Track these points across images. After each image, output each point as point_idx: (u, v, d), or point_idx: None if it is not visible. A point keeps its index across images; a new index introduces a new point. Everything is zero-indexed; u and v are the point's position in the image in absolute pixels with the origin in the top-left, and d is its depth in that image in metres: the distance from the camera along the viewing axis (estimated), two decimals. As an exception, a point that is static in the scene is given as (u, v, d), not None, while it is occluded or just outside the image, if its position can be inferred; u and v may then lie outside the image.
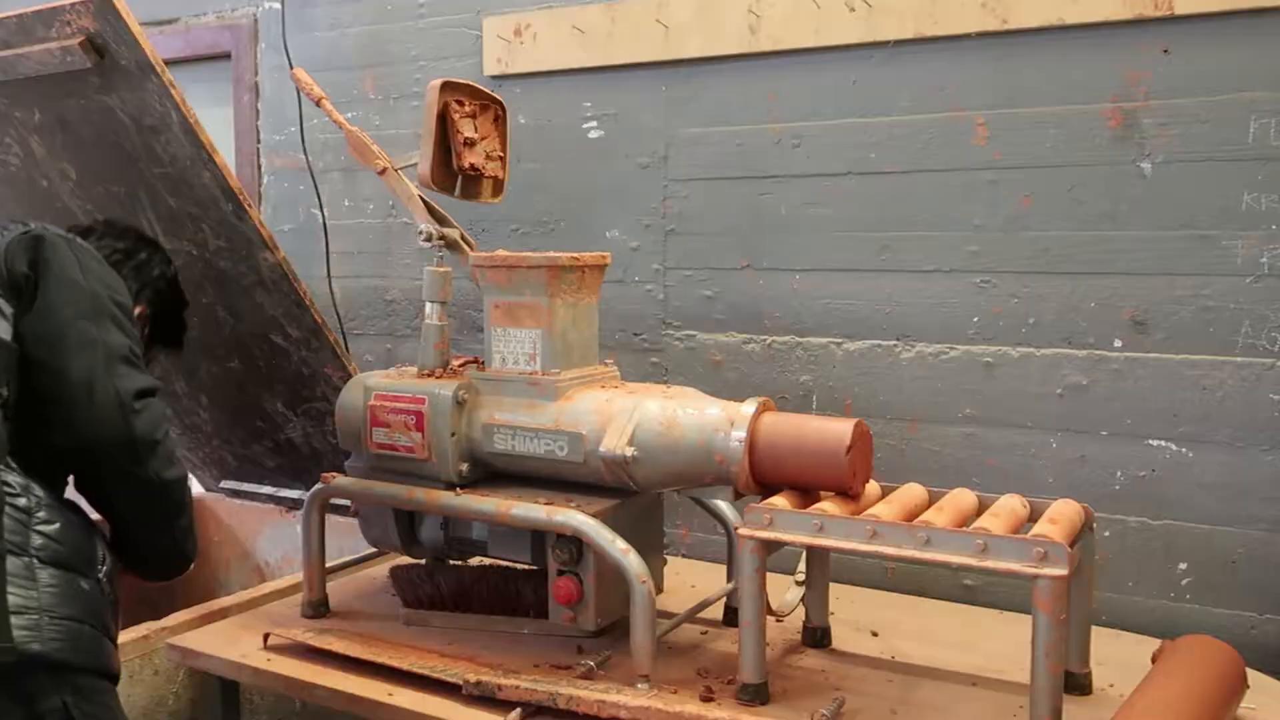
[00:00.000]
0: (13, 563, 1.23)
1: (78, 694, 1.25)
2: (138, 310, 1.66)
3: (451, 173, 1.78)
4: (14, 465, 1.32)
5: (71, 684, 1.25)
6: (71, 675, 1.25)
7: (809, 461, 1.45)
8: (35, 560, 1.25)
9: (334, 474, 1.77)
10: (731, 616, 1.72)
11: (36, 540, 1.27)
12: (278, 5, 2.67)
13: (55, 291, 1.40)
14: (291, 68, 2.21)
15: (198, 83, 2.87)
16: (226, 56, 2.83)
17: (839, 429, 1.45)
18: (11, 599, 1.20)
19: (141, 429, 1.39)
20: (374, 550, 1.96)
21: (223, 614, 1.79)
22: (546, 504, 1.55)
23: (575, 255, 1.67)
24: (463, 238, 1.82)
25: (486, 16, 2.35)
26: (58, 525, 1.30)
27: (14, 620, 1.19)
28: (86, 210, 2.20)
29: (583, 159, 2.28)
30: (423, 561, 1.81)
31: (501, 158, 1.85)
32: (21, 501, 1.27)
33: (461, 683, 1.47)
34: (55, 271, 1.41)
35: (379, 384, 1.70)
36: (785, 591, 1.73)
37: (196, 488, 2.71)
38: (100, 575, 1.34)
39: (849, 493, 1.46)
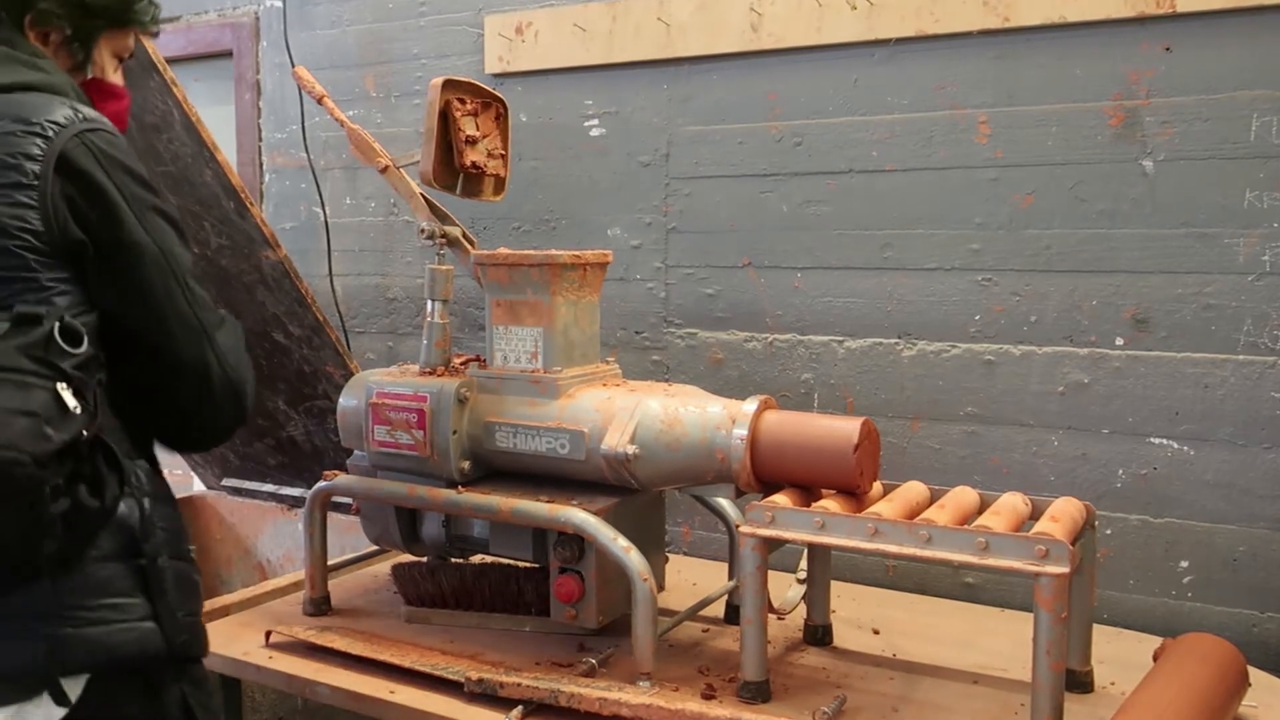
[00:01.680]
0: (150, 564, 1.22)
1: (193, 684, 1.28)
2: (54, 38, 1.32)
3: (453, 171, 1.78)
4: (135, 453, 1.26)
5: (189, 674, 1.27)
6: (190, 666, 1.27)
7: (815, 460, 1.45)
8: (163, 556, 1.24)
9: (336, 472, 1.77)
10: (733, 614, 1.72)
11: (160, 535, 1.24)
12: (279, 3, 2.68)
13: (130, 257, 1.21)
14: (293, 66, 2.22)
15: (199, 81, 2.88)
16: (228, 54, 2.83)
17: (846, 427, 1.45)
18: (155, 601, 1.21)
19: (251, 399, 1.32)
20: (375, 548, 1.96)
21: (224, 612, 1.79)
22: (548, 502, 1.55)
23: (577, 253, 1.67)
24: (464, 236, 1.83)
25: (488, 14, 2.35)
26: (168, 513, 1.27)
27: (156, 623, 1.21)
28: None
29: (584, 157, 2.28)
30: (424, 559, 1.81)
31: (503, 156, 1.85)
32: (148, 500, 1.24)
33: (463, 680, 1.47)
34: (119, 229, 1.20)
35: (381, 382, 1.70)
36: (787, 589, 1.73)
37: (198, 485, 2.72)
38: (193, 555, 1.32)
39: (856, 491, 1.46)
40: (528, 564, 1.71)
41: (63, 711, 1.15)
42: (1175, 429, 1.77)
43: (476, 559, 1.82)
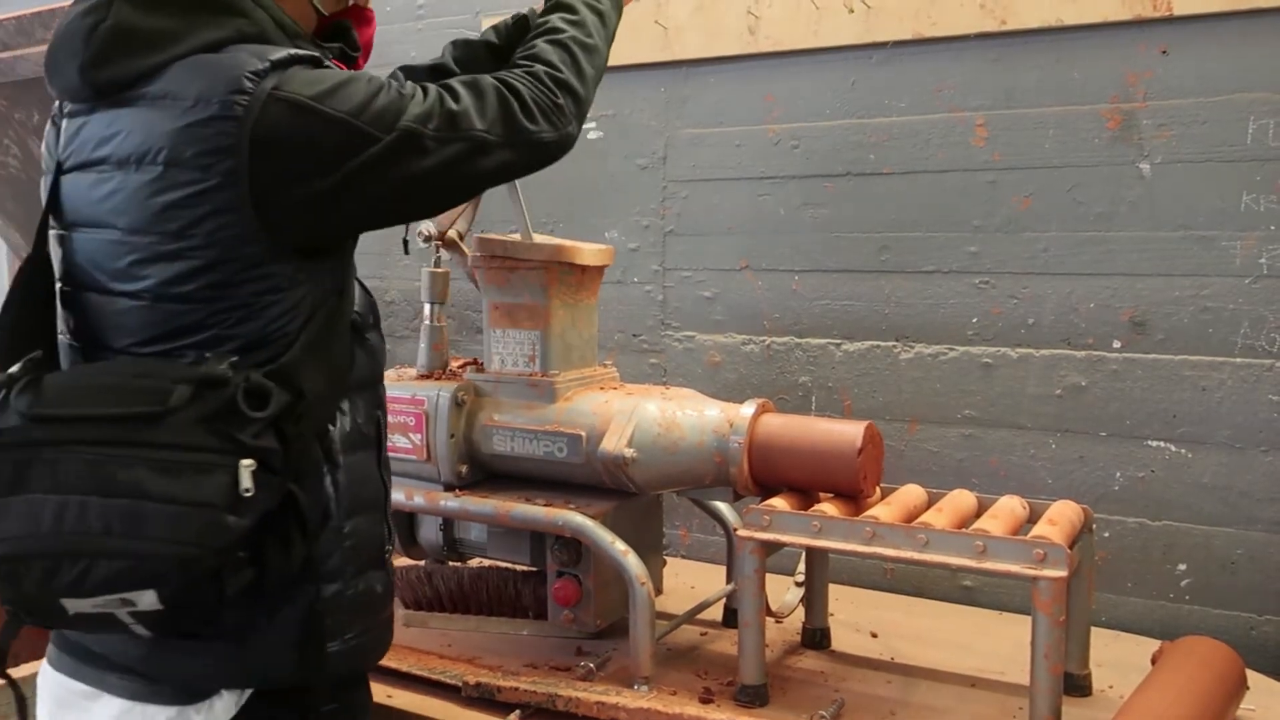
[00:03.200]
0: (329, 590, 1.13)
1: (346, 710, 1.20)
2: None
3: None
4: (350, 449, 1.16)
5: (347, 699, 1.20)
6: (348, 686, 1.20)
7: (817, 463, 1.45)
8: (337, 582, 1.15)
9: (333, 475, 1.77)
10: (731, 618, 1.71)
11: (345, 553, 1.15)
12: (276, 6, 2.67)
13: (381, 171, 1.07)
14: (290, 69, 2.22)
15: (196, 83, 2.87)
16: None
17: (850, 431, 1.45)
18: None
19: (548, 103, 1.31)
20: (373, 551, 1.95)
21: (222, 615, 1.79)
22: (546, 505, 1.55)
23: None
24: (461, 239, 1.82)
25: (485, 16, 2.35)
26: (361, 523, 1.17)
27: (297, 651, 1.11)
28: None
29: (582, 160, 2.28)
30: (422, 563, 1.80)
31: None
32: (340, 521, 1.15)
33: (461, 684, 1.47)
34: (357, 155, 1.05)
35: (378, 385, 1.70)
36: (785, 592, 1.73)
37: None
38: (389, 555, 1.23)
39: (859, 495, 1.46)
40: (525, 567, 1.70)
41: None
42: (1173, 431, 1.77)
43: (474, 562, 1.82)
